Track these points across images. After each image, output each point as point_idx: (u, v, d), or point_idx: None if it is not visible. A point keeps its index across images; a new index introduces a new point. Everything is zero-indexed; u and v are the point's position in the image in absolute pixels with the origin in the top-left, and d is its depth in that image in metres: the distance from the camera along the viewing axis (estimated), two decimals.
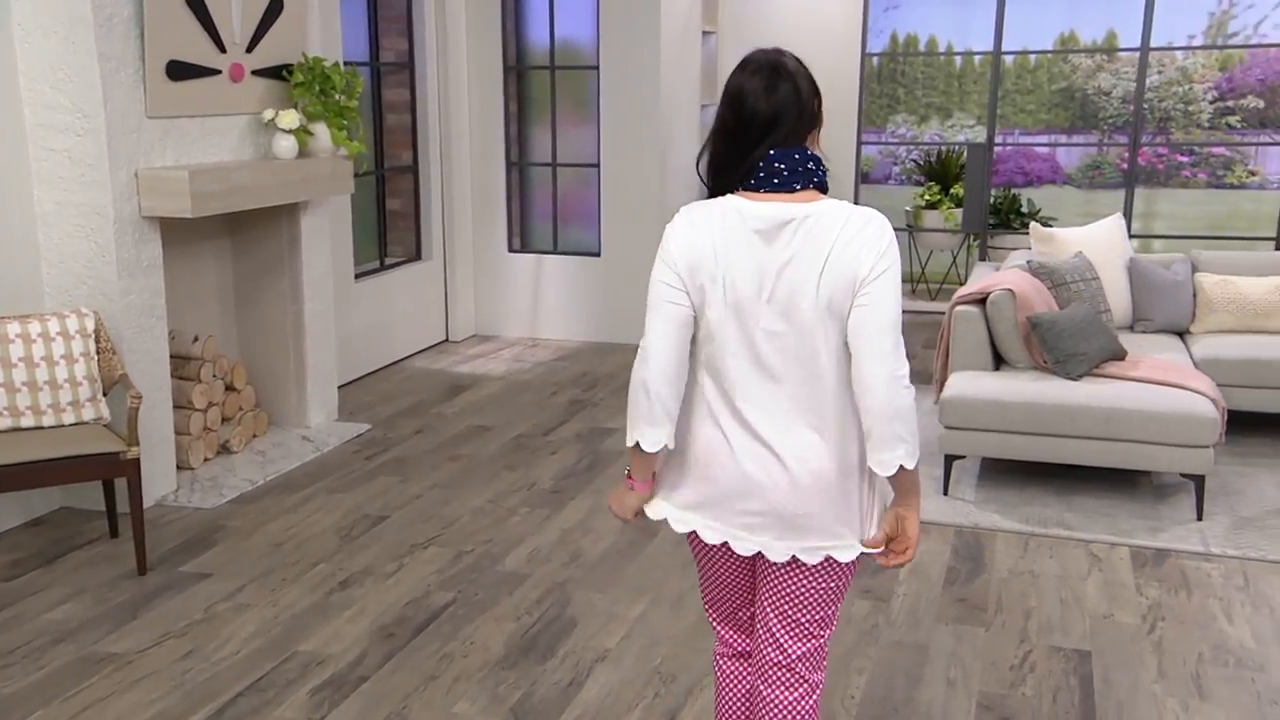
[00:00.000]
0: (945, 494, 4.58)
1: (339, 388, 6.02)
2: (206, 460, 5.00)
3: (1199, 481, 4.33)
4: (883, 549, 2.09)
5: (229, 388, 5.16)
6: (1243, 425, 5.43)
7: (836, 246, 1.94)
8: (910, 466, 1.97)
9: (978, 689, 3.14)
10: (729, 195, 2.03)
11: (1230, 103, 16.78)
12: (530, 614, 3.60)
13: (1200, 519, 4.32)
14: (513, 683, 3.19)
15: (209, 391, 4.95)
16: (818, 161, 2.01)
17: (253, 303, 5.43)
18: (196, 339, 4.93)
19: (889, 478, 2.00)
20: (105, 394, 4.15)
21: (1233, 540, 4.13)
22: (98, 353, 4.14)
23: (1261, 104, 16.69)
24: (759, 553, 2.10)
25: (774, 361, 2.00)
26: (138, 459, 3.89)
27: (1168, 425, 4.27)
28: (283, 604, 3.67)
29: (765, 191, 1.99)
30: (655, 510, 2.18)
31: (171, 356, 4.87)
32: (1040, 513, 4.40)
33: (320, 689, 3.15)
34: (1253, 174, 17.60)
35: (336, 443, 5.31)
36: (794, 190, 1.98)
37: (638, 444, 2.07)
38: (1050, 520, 4.33)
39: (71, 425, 4.02)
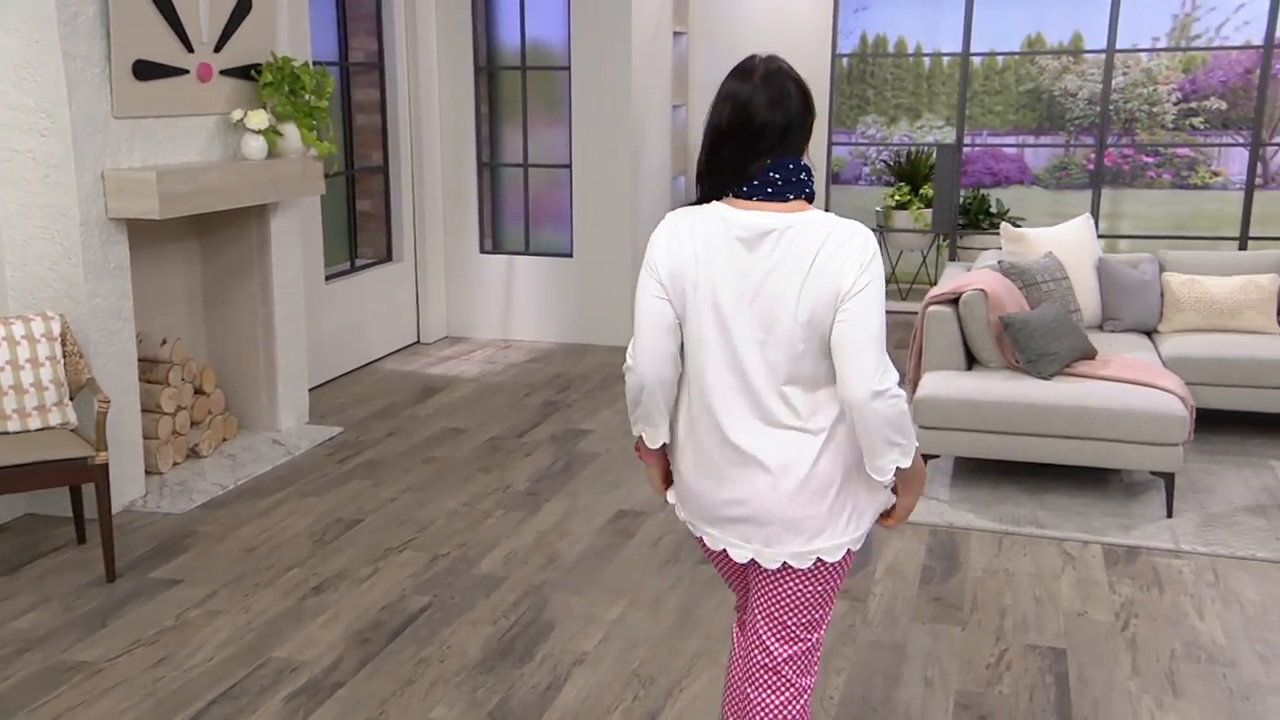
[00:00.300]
0: None
1: (310, 390, 5.97)
2: (175, 465, 4.93)
3: (1169, 479, 4.37)
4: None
5: (198, 391, 5.10)
6: (1210, 423, 5.50)
7: (819, 259, 1.94)
8: (906, 466, 2.01)
9: (955, 688, 3.16)
10: (715, 202, 2.03)
11: (1194, 104, 17.01)
12: (507, 617, 3.58)
13: (1170, 516, 4.37)
14: (490, 687, 3.16)
15: (178, 395, 4.88)
16: (809, 172, 2.03)
17: (222, 305, 5.37)
18: (165, 342, 4.87)
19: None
20: (72, 398, 4.09)
21: (1202, 537, 4.18)
22: (64, 356, 4.08)
23: (1224, 105, 16.93)
24: (752, 559, 2.11)
25: (758, 368, 2.00)
26: (106, 464, 3.83)
27: (1138, 423, 4.31)
28: (255, 610, 3.63)
29: (757, 200, 1.99)
30: (678, 511, 2.26)
31: (139, 360, 4.81)
32: (1013, 511, 4.43)
33: (295, 695, 3.12)
34: (1216, 174, 17.86)
35: (308, 446, 5.26)
36: (786, 200, 1.99)
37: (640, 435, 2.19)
38: (1023, 519, 4.36)
39: (38, 430, 3.96)
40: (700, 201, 2.06)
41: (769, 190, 1.98)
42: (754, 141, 1.97)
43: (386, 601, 3.69)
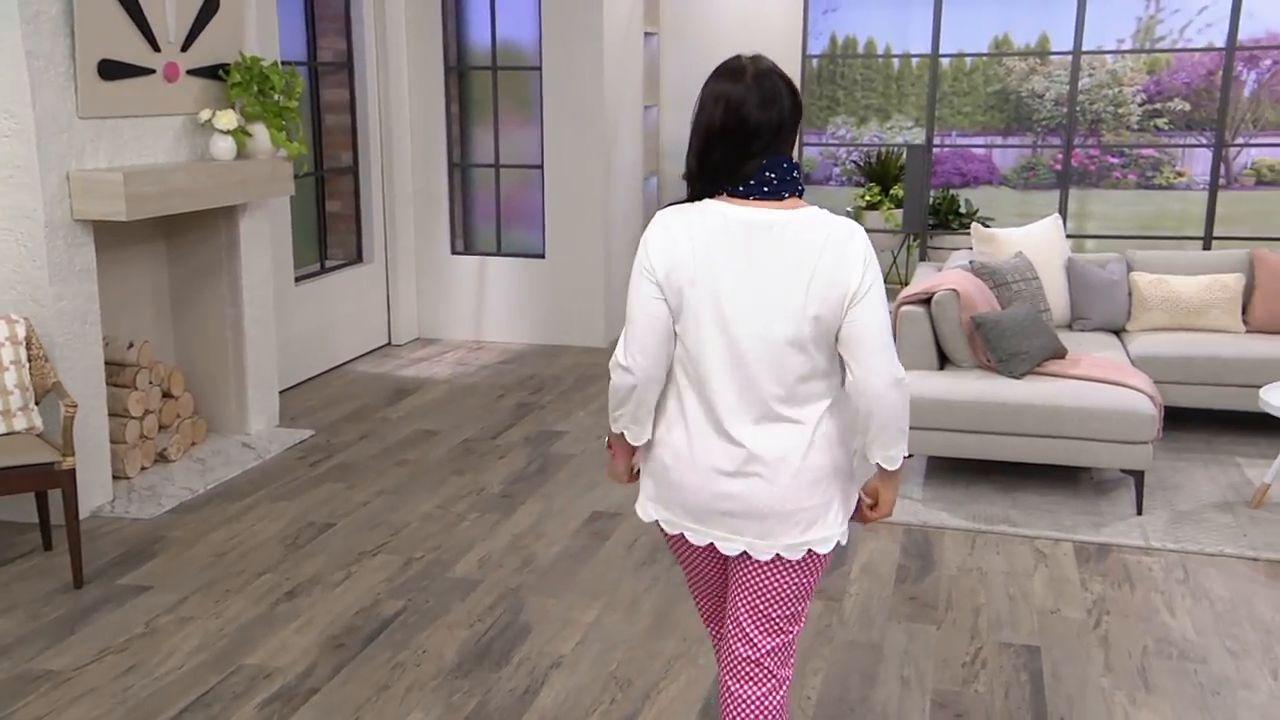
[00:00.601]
0: None
1: (280, 393, 5.91)
2: (144, 469, 4.87)
3: (1138, 477, 4.41)
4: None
5: (166, 394, 5.03)
6: (1178, 421, 5.56)
7: (823, 260, 1.97)
8: (907, 454, 2.10)
9: (931, 687, 3.17)
10: (709, 200, 2.03)
11: (1158, 105, 17.22)
12: (483, 621, 3.56)
13: (1140, 513, 4.41)
14: (467, 691, 3.14)
15: (145, 399, 4.82)
16: (799, 169, 2.05)
17: (190, 307, 5.31)
18: (132, 345, 4.80)
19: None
20: (38, 403, 4.02)
21: (1172, 534, 4.22)
22: (29, 360, 4.01)
23: (1188, 106, 17.15)
24: (743, 552, 2.12)
25: (757, 363, 2.01)
26: (73, 469, 3.77)
27: (1108, 422, 4.35)
28: (227, 616, 3.59)
29: (754, 199, 2.00)
30: (644, 512, 2.22)
31: (106, 363, 4.74)
32: (986, 510, 4.46)
33: (269, 702, 3.08)
34: (1180, 175, 18.09)
35: (279, 449, 5.21)
36: (782, 199, 2.01)
37: (623, 433, 2.16)
38: (996, 517, 4.38)
39: (2, 435, 3.89)
40: (692, 199, 2.06)
41: (765, 190, 2.00)
42: (748, 142, 1.98)
43: (360, 606, 3.66)
